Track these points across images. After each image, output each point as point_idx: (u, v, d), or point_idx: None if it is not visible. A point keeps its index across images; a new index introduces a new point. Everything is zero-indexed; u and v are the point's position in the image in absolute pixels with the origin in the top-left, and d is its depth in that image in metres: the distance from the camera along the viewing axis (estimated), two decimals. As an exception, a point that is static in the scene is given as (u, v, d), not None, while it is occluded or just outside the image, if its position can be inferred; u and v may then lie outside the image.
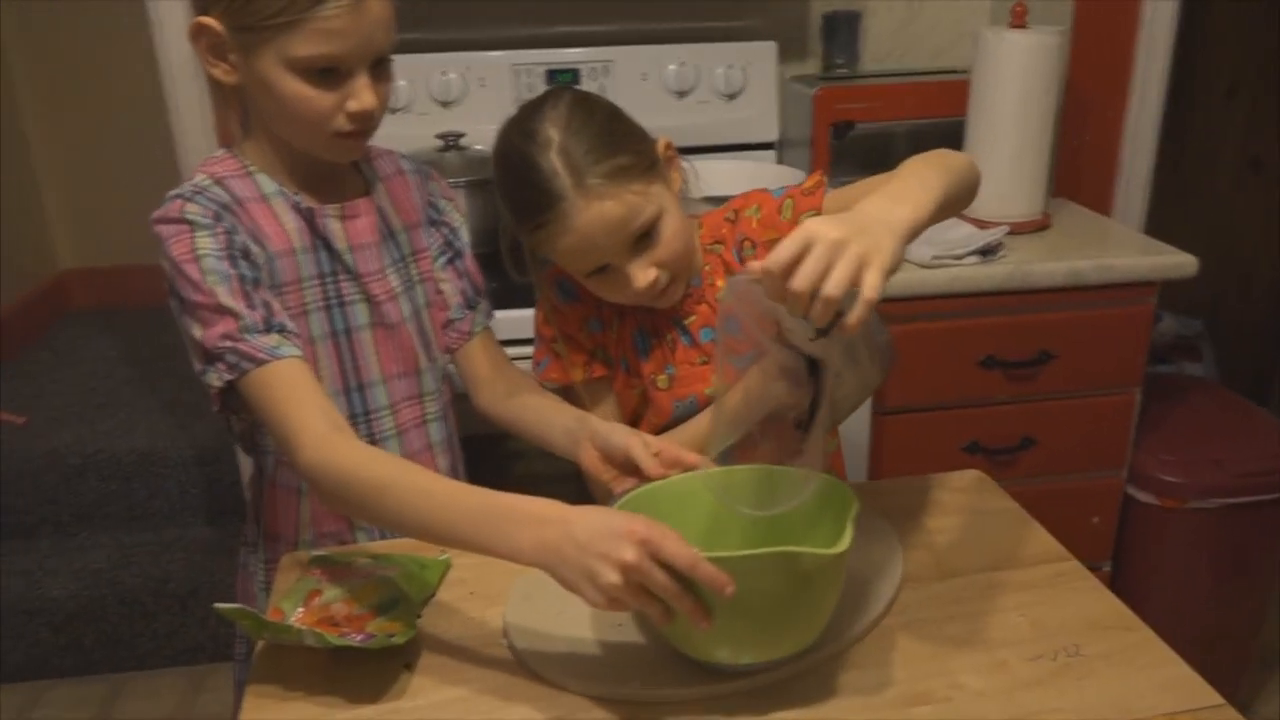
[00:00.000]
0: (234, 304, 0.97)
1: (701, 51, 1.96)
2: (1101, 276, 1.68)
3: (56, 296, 3.00)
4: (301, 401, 0.96)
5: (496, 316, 1.25)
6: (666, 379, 1.15)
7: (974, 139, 1.78)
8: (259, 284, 1.01)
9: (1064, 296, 1.69)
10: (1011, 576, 0.99)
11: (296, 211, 1.06)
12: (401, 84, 1.88)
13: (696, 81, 1.96)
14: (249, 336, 0.97)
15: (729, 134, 1.99)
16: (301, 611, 0.93)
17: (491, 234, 1.42)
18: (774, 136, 2.04)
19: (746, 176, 1.40)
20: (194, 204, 1.00)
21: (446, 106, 1.91)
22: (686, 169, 1.16)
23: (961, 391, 1.73)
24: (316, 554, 1.04)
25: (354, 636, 0.87)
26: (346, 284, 1.09)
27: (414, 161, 1.22)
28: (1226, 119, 2.65)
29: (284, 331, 1.00)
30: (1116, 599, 0.95)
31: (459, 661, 0.90)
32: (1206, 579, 1.90)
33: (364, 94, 0.99)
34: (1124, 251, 1.73)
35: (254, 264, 1.01)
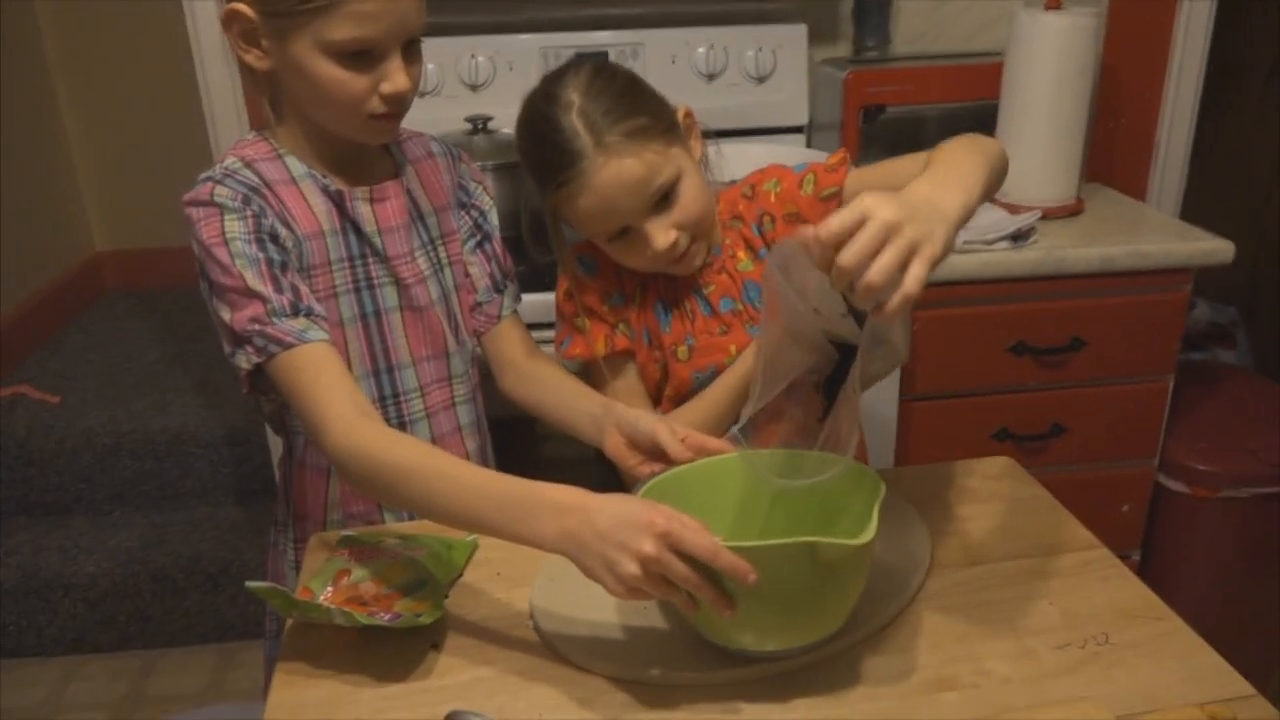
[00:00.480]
0: (262, 288, 0.98)
1: (731, 34, 1.95)
2: (1135, 263, 1.66)
3: (90, 278, 3.04)
4: (328, 386, 0.96)
5: (523, 300, 1.25)
6: (686, 350, 1.16)
7: (1007, 123, 1.76)
8: (287, 267, 1.01)
9: (1096, 283, 1.67)
10: (1040, 564, 0.98)
11: (325, 194, 1.07)
12: (430, 67, 1.88)
13: (726, 64, 1.95)
14: (277, 320, 0.98)
15: (758, 117, 1.98)
16: (330, 590, 0.94)
17: (516, 217, 1.42)
18: (804, 120, 2.02)
19: (775, 160, 1.39)
20: (224, 187, 1.01)
21: (475, 90, 1.90)
22: (712, 153, 1.18)
23: (991, 378, 1.72)
24: (345, 534, 1.05)
25: (382, 616, 0.88)
26: (375, 267, 1.10)
27: (444, 144, 1.22)
28: (1267, 101, 2.60)
29: (312, 315, 1.00)
30: (1146, 588, 0.95)
31: (485, 642, 0.91)
32: (1238, 568, 1.87)
33: (397, 76, 1.00)
34: (1159, 237, 1.71)
35: (283, 247, 1.02)
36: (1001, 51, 1.78)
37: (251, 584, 0.89)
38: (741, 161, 1.27)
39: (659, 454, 1.00)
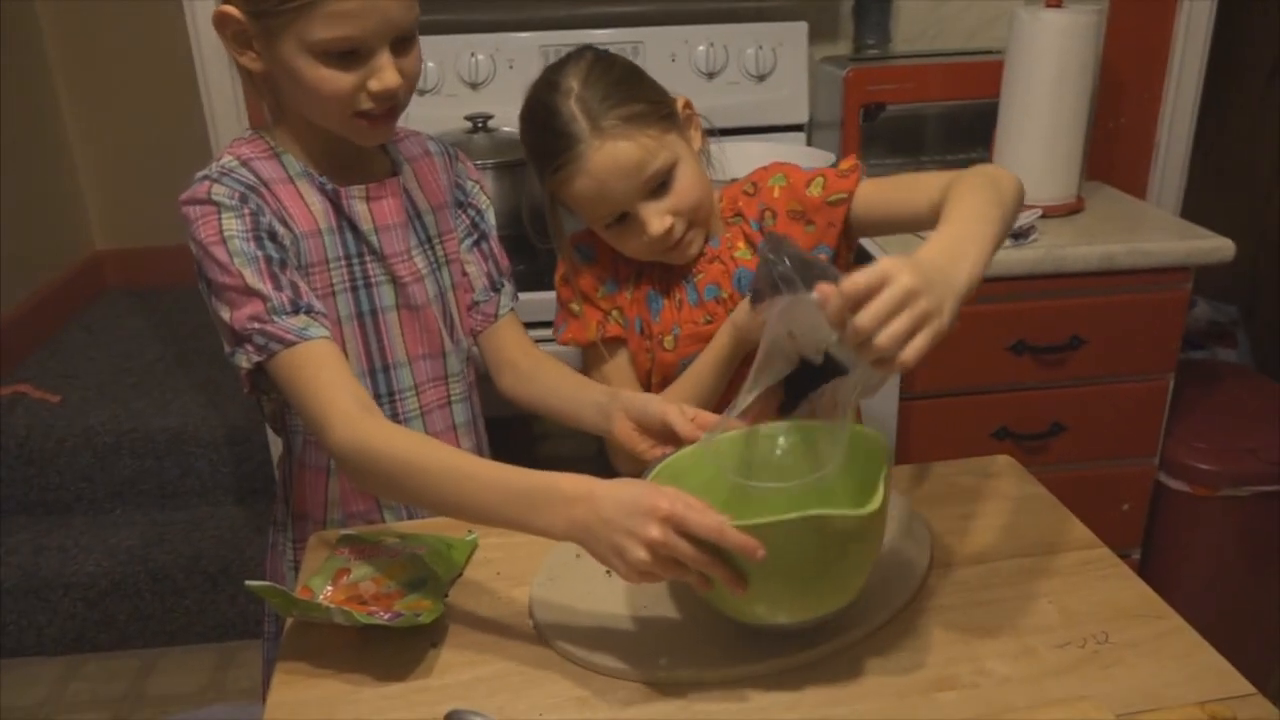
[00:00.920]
0: (261, 286, 0.98)
1: (731, 32, 1.95)
2: (1135, 261, 1.66)
3: (90, 277, 3.04)
4: (330, 383, 0.96)
5: (520, 299, 1.25)
6: (672, 339, 1.18)
7: (1007, 121, 1.76)
8: (286, 265, 1.01)
9: (1097, 281, 1.67)
10: (1040, 563, 0.98)
11: (322, 193, 1.07)
12: (430, 65, 1.88)
13: (726, 62, 1.95)
14: (277, 318, 0.98)
15: (758, 115, 1.98)
16: (330, 589, 0.94)
17: (516, 215, 1.42)
18: (804, 118, 2.02)
19: (776, 158, 1.39)
20: (221, 185, 1.00)
21: (475, 88, 1.90)
22: (715, 150, 1.18)
23: (991, 376, 1.72)
24: (345, 533, 1.05)
25: (381, 615, 0.88)
26: (372, 265, 1.10)
27: (440, 143, 1.22)
28: (1268, 100, 2.60)
29: (312, 312, 1.00)
30: (1146, 586, 0.94)
31: (486, 641, 0.91)
32: (1238, 567, 1.87)
33: (385, 73, 0.99)
34: (1159, 236, 1.71)
35: (281, 245, 1.02)
36: (1002, 50, 1.77)
37: (251, 583, 0.89)
38: (741, 160, 1.27)
39: (669, 436, 1.01)
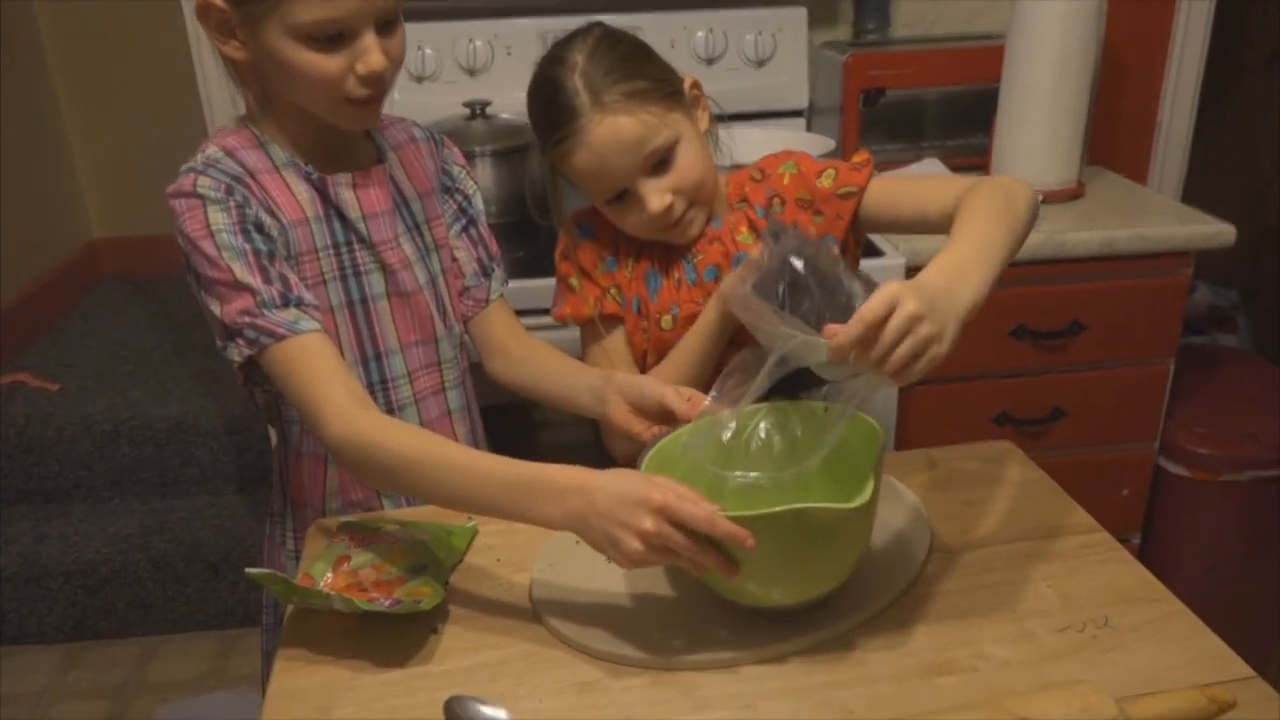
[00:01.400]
0: (250, 279, 0.97)
1: (730, 18, 1.94)
2: (1136, 246, 1.66)
3: (88, 265, 3.03)
4: (323, 376, 0.96)
5: (513, 286, 1.25)
6: (670, 319, 1.17)
7: (1008, 106, 1.76)
8: (275, 257, 1.00)
9: (1097, 266, 1.67)
10: (1040, 548, 0.98)
11: (308, 181, 1.06)
12: (428, 52, 1.87)
13: (726, 48, 1.94)
14: (267, 312, 0.97)
15: (758, 101, 1.97)
16: (330, 576, 0.94)
17: (515, 202, 1.41)
18: (804, 104, 2.01)
19: (776, 144, 1.38)
20: (206, 177, 1.00)
21: (473, 75, 1.90)
22: (723, 135, 1.18)
23: (991, 362, 1.72)
24: (345, 520, 1.05)
25: (382, 601, 0.88)
26: (361, 253, 1.09)
27: (425, 129, 1.21)
28: (1269, 85, 2.59)
29: (302, 305, 0.99)
30: (1146, 571, 0.95)
31: (486, 627, 0.91)
32: (1238, 551, 1.88)
33: (371, 55, 0.98)
34: (1160, 221, 1.70)
35: (269, 236, 1.01)
36: (1002, 34, 1.77)
37: (251, 570, 0.89)
38: (740, 145, 1.26)
39: (665, 416, 1.01)
